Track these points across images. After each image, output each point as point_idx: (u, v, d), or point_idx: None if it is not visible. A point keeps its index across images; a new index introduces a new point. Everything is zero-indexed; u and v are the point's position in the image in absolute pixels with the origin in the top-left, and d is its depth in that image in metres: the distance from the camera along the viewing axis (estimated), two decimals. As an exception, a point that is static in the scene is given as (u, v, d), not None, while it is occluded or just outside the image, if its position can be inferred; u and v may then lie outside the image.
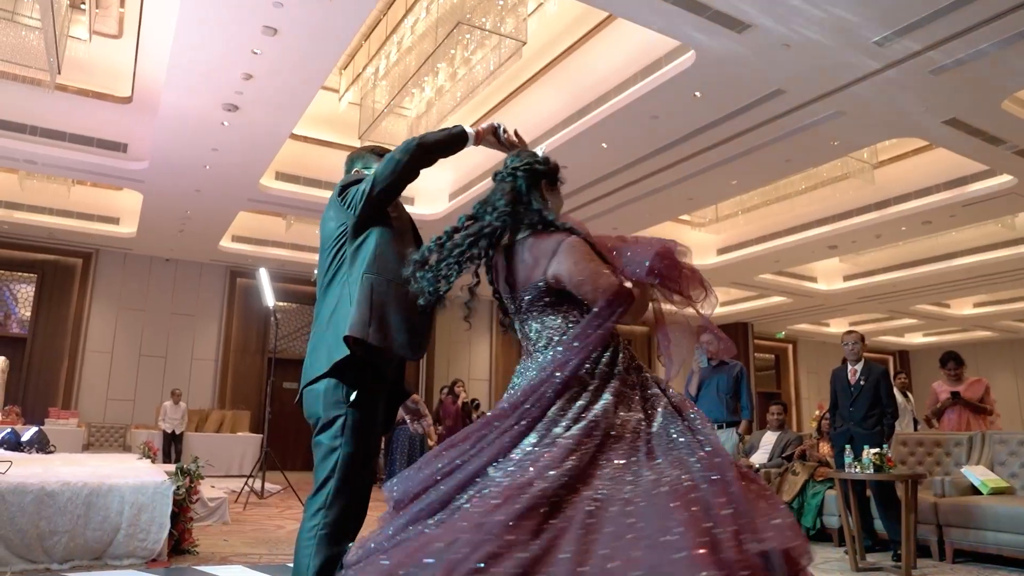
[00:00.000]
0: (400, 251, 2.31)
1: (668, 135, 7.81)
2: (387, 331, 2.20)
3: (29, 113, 8.45)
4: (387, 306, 2.23)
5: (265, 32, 6.07)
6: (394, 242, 2.33)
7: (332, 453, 2.16)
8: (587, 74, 7.66)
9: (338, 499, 2.13)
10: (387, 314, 2.22)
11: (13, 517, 3.84)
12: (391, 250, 2.31)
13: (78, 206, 11.34)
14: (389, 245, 2.31)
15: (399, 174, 2.26)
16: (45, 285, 12.32)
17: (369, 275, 2.25)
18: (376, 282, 2.25)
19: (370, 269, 2.27)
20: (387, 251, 2.30)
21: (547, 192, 2.18)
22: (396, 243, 2.33)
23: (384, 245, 2.31)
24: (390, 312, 2.23)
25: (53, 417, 11.27)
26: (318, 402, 2.21)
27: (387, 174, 2.27)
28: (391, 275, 2.26)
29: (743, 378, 5.41)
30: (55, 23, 6.75)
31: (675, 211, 10.63)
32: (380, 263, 2.27)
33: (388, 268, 2.27)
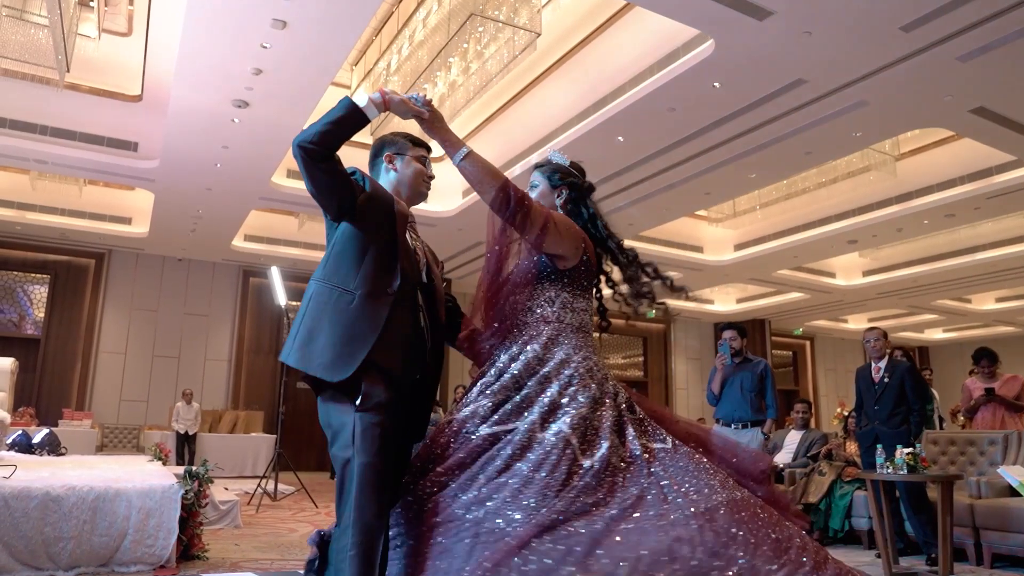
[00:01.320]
0: (361, 253, 2.12)
1: (686, 128, 7.63)
2: (309, 349, 2.04)
3: (39, 112, 8.38)
4: (320, 319, 2.07)
5: (274, 25, 5.95)
6: (357, 242, 2.13)
7: (347, 464, 1.97)
8: (603, 66, 7.49)
9: (363, 514, 1.93)
10: (318, 329, 2.06)
11: (17, 523, 3.73)
12: (350, 250, 2.12)
13: (90, 206, 11.30)
14: (351, 244, 2.13)
15: (309, 177, 2.07)
16: (58, 286, 12.30)
17: (316, 281, 2.11)
18: (318, 291, 2.10)
19: (320, 273, 2.12)
20: (346, 251, 2.12)
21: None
22: (358, 243, 2.13)
23: (345, 244, 2.13)
24: (323, 326, 2.06)
25: (67, 418, 11.23)
26: (328, 411, 2.06)
27: (306, 184, 2.10)
28: (338, 280, 2.09)
29: (768, 375, 5.23)
30: (63, 21, 6.66)
31: (692, 206, 10.44)
32: (333, 266, 2.12)
33: (338, 272, 2.10)
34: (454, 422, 2.10)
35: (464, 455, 2.00)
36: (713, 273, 13.47)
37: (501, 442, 1.99)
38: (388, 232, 2.17)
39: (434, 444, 2.10)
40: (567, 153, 8.03)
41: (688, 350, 17.69)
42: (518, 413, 2.04)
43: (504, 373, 2.13)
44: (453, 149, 2.14)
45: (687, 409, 16.84)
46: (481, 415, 2.07)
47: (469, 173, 2.13)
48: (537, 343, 2.15)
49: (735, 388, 5.21)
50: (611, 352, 17.45)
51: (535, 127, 8.72)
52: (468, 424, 2.07)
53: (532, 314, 2.22)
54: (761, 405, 5.21)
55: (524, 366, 2.12)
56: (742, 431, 5.14)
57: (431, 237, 11.75)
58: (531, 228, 2.11)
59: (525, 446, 1.96)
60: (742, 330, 5.40)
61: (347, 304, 2.04)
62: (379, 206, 2.19)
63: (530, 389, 2.07)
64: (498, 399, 2.08)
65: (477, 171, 2.12)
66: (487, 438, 2.01)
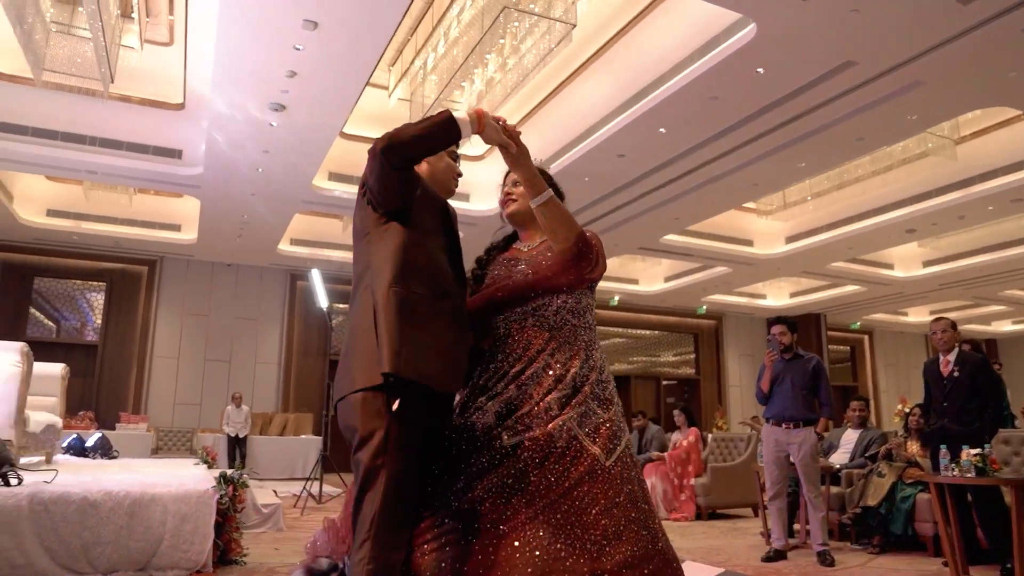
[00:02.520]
0: (430, 255, 2.01)
1: (729, 116, 7.37)
2: (421, 359, 1.88)
3: (87, 124, 8.58)
4: (420, 326, 1.91)
5: (306, 26, 5.93)
6: (423, 244, 2.00)
7: (375, 473, 1.84)
8: (642, 56, 7.29)
9: (384, 526, 1.82)
10: (421, 337, 1.90)
11: (57, 527, 3.75)
12: (421, 254, 1.99)
13: (141, 214, 11.57)
14: (418, 247, 1.99)
15: (382, 181, 1.94)
16: (114, 293, 12.64)
17: (397, 287, 1.92)
18: (404, 297, 1.92)
19: (398, 279, 1.93)
20: (416, 255, 1.98)
21: None
22: (425, 245, 2.01)
23: (412, 248, 1.98)
24: (425, 334, 1.91)
25: (124, 422, 11.52)
26: (355, 413, 1.90)
27: (372, 183, 1.97)
28: (423, 287, 1.95)
29: (820, 372, 4.96)
30: (105, 33, 6.78)
31: (739, 198, 10.11)
32: (409, 271, 1.95)
33: (419, 277, 1.96)
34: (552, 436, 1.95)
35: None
36: (764, 267, 13.09)
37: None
38: (447, 235, 2.12)
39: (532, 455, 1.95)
40: (609, 147, 7.84)
41: (740, 346, 17.25)
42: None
43: (571, 381, 2.04)
44: (536, 190, 2.06)
45: (741, 407, 16.43)
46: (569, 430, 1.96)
47: (550, 215, 2.07)
48: (599, 353, 2.15)
49: (786, 386, 4.96)
50: (662, 349, 17.16)
51: (575, 122, 8.56)
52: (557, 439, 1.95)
53: (580, 319, 2.16)
54: (814, 403, 4.96)
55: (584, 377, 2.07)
56: (794, 431, 4.90)
57: (472, 236, 11.71)
58: (597, 267, 2.15)
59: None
60: (792, 324, 5.15)
61: (439, 310, 1.95)
62: (435, 206, 2.11)
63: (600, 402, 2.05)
64: (579, 412, 1.99)
65: (559, 214, 2.07)
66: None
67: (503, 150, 2.04)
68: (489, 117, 2.02)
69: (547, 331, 2.09)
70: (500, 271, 2.23)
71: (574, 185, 9.40)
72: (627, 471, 1.96)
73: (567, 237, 2.07)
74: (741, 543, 5.66)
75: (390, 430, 1.85)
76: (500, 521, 1.88)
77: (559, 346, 2.07)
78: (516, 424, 1.95)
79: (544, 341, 2.07)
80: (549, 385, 2.00)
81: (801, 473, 4.91)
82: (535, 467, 1.90)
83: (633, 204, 10.05)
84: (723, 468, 7.33)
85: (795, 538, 5.55)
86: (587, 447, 1.92)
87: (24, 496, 3.76)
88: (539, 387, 2.00)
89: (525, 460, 1.91)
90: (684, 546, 5.38)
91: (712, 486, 7.19)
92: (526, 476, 1.90)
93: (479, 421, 1.99)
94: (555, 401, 1.97)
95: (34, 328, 12.37)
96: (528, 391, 2.00)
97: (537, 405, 1.97)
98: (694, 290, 14.92)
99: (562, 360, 2.04)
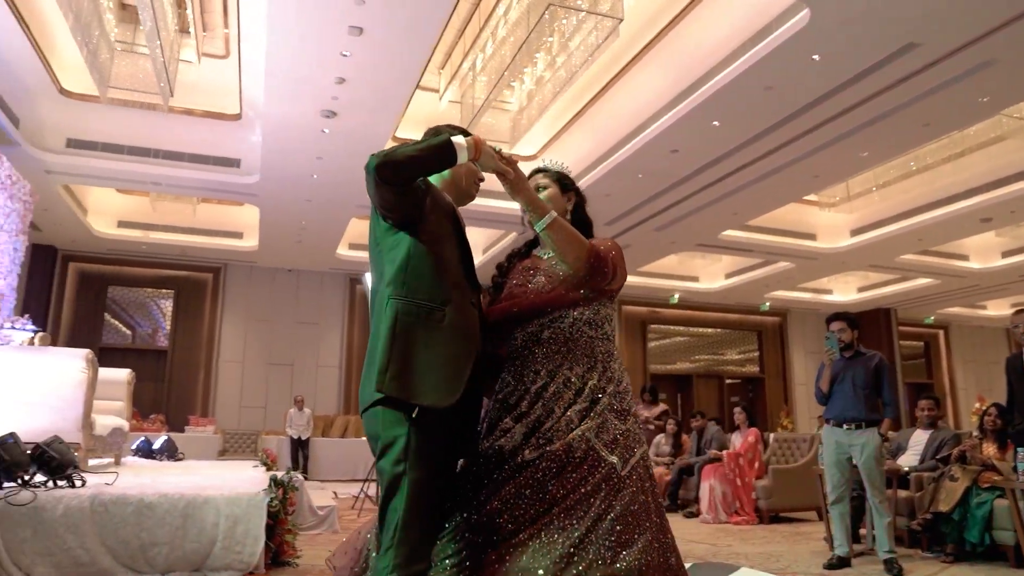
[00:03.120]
0: (437, 263, 1.96)
1: (785, 106, 7.13)
2: (408, 376, 1.85)
3: (151, 137, 8.90)
4: (413, 340, 1.87)
5: (351, 32, 6.00)
6: (430, 251, 1.95)
7: (396, 480, 1.83)
8: (692, 48, 7.12)
9: (408, 534, 1.80)
10: (412, 351, 1.86)
11: (116, 528, 3.87)
12: (426, 263, 1.93)
13: (204, 223, 11.95)
14: (424, 256, 1.94)
15: (380, 196, 1.90)
16: (181, 300, 13.10)
17: (396, 299, 1.90)
18: (402, 308, 1.89)
19: (398, 289, 1.91)
20: (421, 264, 1.92)
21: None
22: (432, 252, 1.95)
23: (417, 256, 1.93)
24: (417, 348, 1.87)
25: (193, 425, 11.91)
26: (376, 422, 1.89)
27: (373, 198, 1.94)
28: (423, 295, 1.91)
29: (884, 370, 4.72)
30: (164, 49, 7.02)
31: (800, 191, 9.78)
32: (410, 280, 1.91)
33: (420, 286, 1.91)
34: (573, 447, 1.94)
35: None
36: (829, 262, 12.65)
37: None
38: (458, 240, 2.08)
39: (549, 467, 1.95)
40: (662, 143, 7.64)
41: (806, 343, 16.72)
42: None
43: (589, 394, 2.03)
44: (539, 213, 2.04)
45: (807, 406, 15.92)
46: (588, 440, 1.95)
47: (555, 238, 2.04)
48: (618, 365, 2.12)
49: (846, 385, 4.74)
50: (726, 348, 16.80)
51: (626, 118, 8.43)
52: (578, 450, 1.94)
53: (598, 330, 2.14)
54: (877, 403, 4.72)
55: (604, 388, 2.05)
56: (855, 432, 4.67)
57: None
58: (615, 279, 2.11)
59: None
60: (852, 320, 4.92)
61: (439, 321, 1.90)
62: (444, 213, 2.06)
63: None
64: (597, 423, 1.99)
65: (564, 236, 2.05)
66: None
67: (501, 177, 2.04)
68: (487, 145, 2.02)
69: (564, 343, 2.08)
70: (518, 280, 2.21)
71: (628, 183, 9.28)
72: (642, 481, 1.95)
73: (577, 258, 2.05)
74: (803, 549, 5.45)
75: (410, 438, 1.83)
76: (518, 530, 1.86)
77: (577, 358, 2.06)
78: (539, 439, 1.95)
79: (562, 355, 2.06)
80: (569, 399, 2.00)
81: (864, 476, 4.68)
82: (552, 476, 1.90)
83: (689, 200, 9.84)
84: (785, 470, 7.09)
85: (861, 544, 5.31)
86: (604, 456, 1.92)
87: (86, 497, 3.89)
88: (560, 402, 2.00)
89: (543, 470, 1.90)
90: (742, 551, 5.21)
91: (774, 488, 6.96)
92: (544, 486, 1.89)
93: (507, 444, 1.99)
94: (575, 414, 1.97)
95: (110, 335, 12.91)
96: (550, 407, 2.00)
97: (559, 420, 1.97)
98: (756, 286, 14.54)
99: (579, 372, 2.04)
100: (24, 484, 3.94)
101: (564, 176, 2.33)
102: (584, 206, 2.36)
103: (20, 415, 5.01)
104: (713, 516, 6.96)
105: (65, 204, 10.12)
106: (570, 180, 2.34)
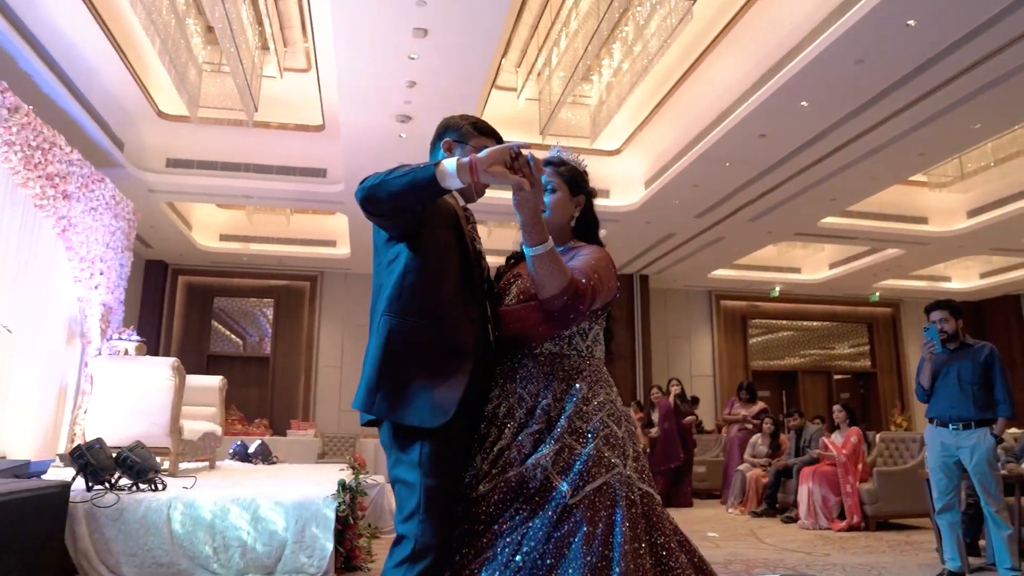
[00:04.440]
0: (433, 280, 1.85)
1: (880, 79, 6.59)
2: (399, 397, 1.78)
3: (241, 152, 9.27)
4: (407, 360, 1.81)
5: (416, 35, 5.99)
6: (427, 266, 1.85)
7: (411, 489, 1.78)
8: (773, 25, 6.71)
9: (425, 544, 1.74)
10: (403, 372, 1.80)
11: (192, 530, 3.98)
12: (422, 279, 1.84)
13: (299, 233, 12.36)
14: (420, 272, 1.84)
15: (368, 216, 1.82)
16: (281, 308, 13.62)
17: (388, 315, 1.82)
18: (395, 326, 1.81)
19: (391, 305, 1.83)
20: (416, 280, 1.84)
21: None
22: (430, 268, 1.85)
23: (413, 271, 1.84)
24: (411, 368, 1.80)
25: (294, 429, 12.33)
26: (389, 431, 1.85)
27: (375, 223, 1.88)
28: (414, 314, 1.82)
29: (995, 363, 4.24)
30: (245, 67, 7.28)
31: (904, 171, 9.06)
32: (406, 296, 1.83)
33: (413, 304, 1.83)
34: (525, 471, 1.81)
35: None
36: (944, 246, 11.69)
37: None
38: (459, 250, 1.94)
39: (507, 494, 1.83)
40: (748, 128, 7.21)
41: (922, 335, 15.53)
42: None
43: (542, 415, 1.88)
44: (538, 238, 1.79)
45: (926, 403, 14.78)
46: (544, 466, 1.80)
47: (540, 269, 1.81)
48: (583, 382, 1.92)
49: (951, 380, 4.30)
50: (836, 341, 15.89)
51: (709, 105, 8.07)
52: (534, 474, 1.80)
53: (566, 345, 1.97)
54: (989, 400, 4.25)
55: (574, 410, 1.87)
56: (963, 432, 4.22)
57: (616, 233, 11.49)
58: (594, 304, 1.91)
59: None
60: (955, 309, 4.46)
61: (433, 339, 1.82)
62: (444, 220, 1.94)
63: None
64: (554, 449, 1.82)
65: (550, 271, 1.81)
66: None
67: (516, 188, 1.76)
68: (489, 160, 1.72)
69: (521, 360, 1.95)
70: (504, 287, 2.07)
71: (715, 172, 8.89)
72: (594, 512, 1.71)
73: (554, 295, 1.83)
74: (911, 560, 4.99)
75: (424, 445, 1.79)
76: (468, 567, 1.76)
77: (532, 376, 1.91)
78: (492, 468, 1.82)
79: (517, 373, 1.93)
80: (520, 419, 1.86)
81: (976, 482, 4.22)
82: (504, 510, 1.77)
83: (783, 187, 9.33)
84: (892, 472, 6.56)
85: (980, 558, 4.81)
86: (556, 484, 1.75)
87: (164, 500, 4.03)
88: (511, 422, 1.87)
89: (495, 503, 1.78)
90: (840, 561, 4.83)
91: (880, 492, 6.45)
92: (494, 520, 1.77)
93: (469, 475, 1.87)
94: (528, 438, 1.82)
95: (220, 343, 13.58)
96: (501, 428, 1.87)
97: (510, 445, 1.83)
98: (864, 276, 13.65)
99: (532, 391, 1.89)
100: (110, 487, 4.13)
101: (577, 176, 2.11)
102: (593, 205, 2.16)
103: (116, 421, 5.29)
104: (812, 522, 6.53)
105: (170, 221, 10.70)
106: (583, 180, 2.12)
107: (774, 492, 7.44)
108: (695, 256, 12.58)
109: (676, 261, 12.93)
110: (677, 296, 15.06)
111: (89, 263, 6.51)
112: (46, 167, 5.68)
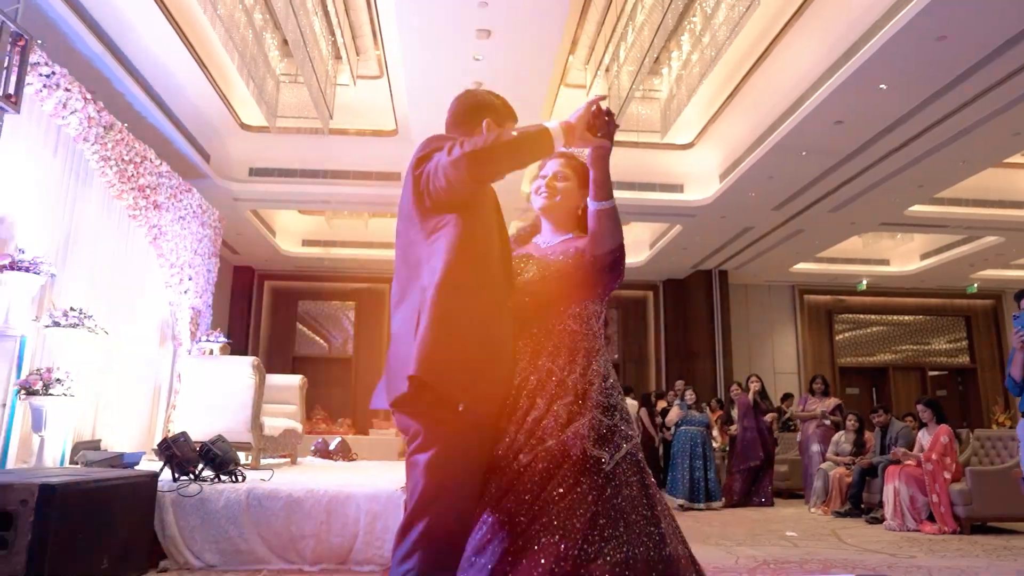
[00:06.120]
0: (486, 249, 1.86)
1: (966, 56, 6.24)
2: (454, 364, 1.74)
3: (319, 159, 9.61)
4: (457, 328, 1.75)
5: (479, 35, 6.08)
6: (480, 239, 1.84)
7: (431, 471, 1.78)
8: (847, 6, 6.47)
9: (443, 524, 1.77)
10: (456, 340, 1.75)
11: (270, 520, 4.17)
12: (471, 252, 1.81)
13: (377, 236, 12.69)
14: (475, 244, 1.82)
15: (456, 191, 1.78)
16: (361, 310, 14.01)
17: (447, 289, 1.76)
18: (442, 298, 1.75)
19: (437, 278, 1.77)
20: (467, 253, 1.80)
21: None
22: (482, 240, 1.85)
23: (468, 242, 1.80)
24: (458, 337, 1.75)
25: (376, 427, 12.66)
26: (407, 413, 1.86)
27: (440, 189, 1.80)
28: (476, 285, 1.81)
29: (1094, 353, 3.96)
30: (319, 77, 7.54)
31: (997, 154, 8.52)
32: (462, 269, 1.78)
33: (472, 275, 1.80)
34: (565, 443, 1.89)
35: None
36: (1049, 232, 10.96)
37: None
38: (498, 225, 1.98)
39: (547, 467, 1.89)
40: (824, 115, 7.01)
41: None
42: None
43: (572, 388, 1.98)
44: (606, 194, 2.01)
45: (1033, 401, 13.87)
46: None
47: (603, 222, 2.01)
48: (600, 361, 2.06)
49: (1045, 370, 4.03)
50: (932, 336, 15.13)
51: (782, 93, 7.85)
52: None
53: (584, 325, 2.08)
54: (1090, 392, 3.97)
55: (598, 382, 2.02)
56: (1059, 427, 3.96)
57: (692, 228, 11.35)
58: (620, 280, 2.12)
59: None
60: (1048, 296, 4.18)
61: (481, 308, 1.84)
62: (490, 200, 1.97)
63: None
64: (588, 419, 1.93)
65: (611, 226, 2.02)
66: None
67: (596, 147, 1.98)
68: (583, 124, 1.90)
69: (547, 336, 2.03)
70: (517, 269, 2.16)
71: (791, 162, 8.63)
72: (627, 475, 1.90)
73: (611, 250, 2.02)
74: (1008, 566, 4.70)
75: (447, 433, 1.79)
76: (519, 538, 1.80)
77: (558, 351, 2.00)
78: (530, 439, 1.88)
79: (544, 347, 2.01)
80: (551, 391, 1.93)
81: (1076, 480, 3.96)
82: (549, 478, 1.83)
83: (864, 175, 8.96)
84: (987, 472, 6.19)
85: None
86: (593, 453, 1.87)
87: (243, 491, 4.23)
88: (543, 393, 1.94)
89: (540, 472, 1.84)
90: (926, 563, 4.60)
91: (974, 493, 6.10)
92: (542, 488, 1.83)
93: (499, 448, 1.91)
94: (563, 409, 1.91)
95: (306, 345, 14.10)
96: (533, 398, 1.95)
97: (545, 414, 1.91)
98: (959, 266, 12.93)
99: (561, 364, 1.98)
100: (194, 477, 4.36)
101: (585, 171, 2.16)
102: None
103: (201, 416, 5.58)
104: (899, 523, 6.24)
105: (255, 228, 11.18)
106: (581, 165, 2.21)
107: (859, 492, 7.14)
108: (775, 250, 12.23)
109: (755, 255, 12.60)
110: (758, 291, 14.65)
111: (179, 269, 6.89)
112: (138, 179, 6.05)
